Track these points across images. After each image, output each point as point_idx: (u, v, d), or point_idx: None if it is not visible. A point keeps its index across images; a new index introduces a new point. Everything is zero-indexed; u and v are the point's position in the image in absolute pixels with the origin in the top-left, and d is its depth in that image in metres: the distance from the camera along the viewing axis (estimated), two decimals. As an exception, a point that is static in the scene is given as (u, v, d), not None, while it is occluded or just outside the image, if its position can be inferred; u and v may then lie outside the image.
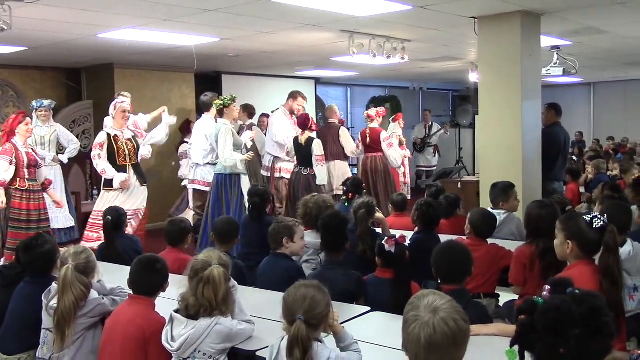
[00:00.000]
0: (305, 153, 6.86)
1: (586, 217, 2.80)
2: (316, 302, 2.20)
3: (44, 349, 3.01)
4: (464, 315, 1.76)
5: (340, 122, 10.26)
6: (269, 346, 2.38)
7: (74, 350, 2.91)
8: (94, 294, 3.00)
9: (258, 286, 3.64)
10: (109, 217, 4.44)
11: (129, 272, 2.91)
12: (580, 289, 1.75)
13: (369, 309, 3.11)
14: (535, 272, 3.40)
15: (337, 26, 6.40)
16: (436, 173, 10.42)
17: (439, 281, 2.93)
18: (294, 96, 7.85)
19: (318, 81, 12.25)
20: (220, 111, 6.21)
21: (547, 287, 1.79)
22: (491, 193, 4.73)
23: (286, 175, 7.66)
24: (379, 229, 4.40)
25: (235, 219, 4.85)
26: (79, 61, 8.63)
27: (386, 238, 3.30)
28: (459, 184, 8.18)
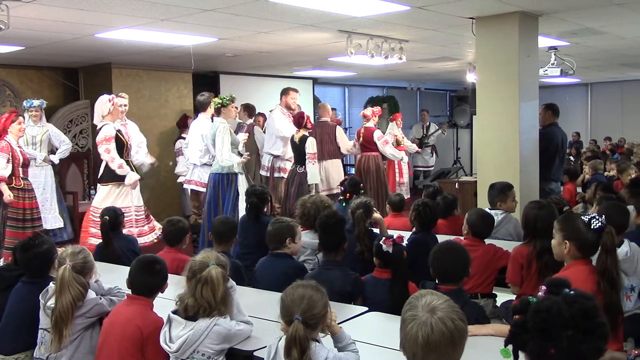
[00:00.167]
0: (300, 151, 6.90)
1: (584, 218, 2.80)
2: (314, 302, 2.20)
3: (41, 349, 3.01)
4: (461, 315, 1.76)
5: (337, 123, 10.26)
6: (266, 346, 2.38)
7: (71, 350, 2.91)
8: (91, 294, 3.00)
9: (259, 287, 3.61)
10: (107, 217, 4.43)
11: (129, 272, 2.91)
12: (575, 289, 1.75)
13: (366, 309, 3.11)
14: (532, 272, 3.41)
15: (334, 26, 6.40)
16: (434, 173, 10.41)
17: (436, 281, 2.94)
18: (285, 92, 7.89)
19: (316, 81, 12.25)
20: (218, 110, 6.20)
21: (543, 287, 1.79)
22: (489, 193, 4.75)
23: (285, 175, 7.67)
24: (376, 229, 4.41)
25: (232, 218, 4.84)
26: (76, 61, 8.62)
27: (384, 238, 3.30)
28: (457, 184, 8.18)
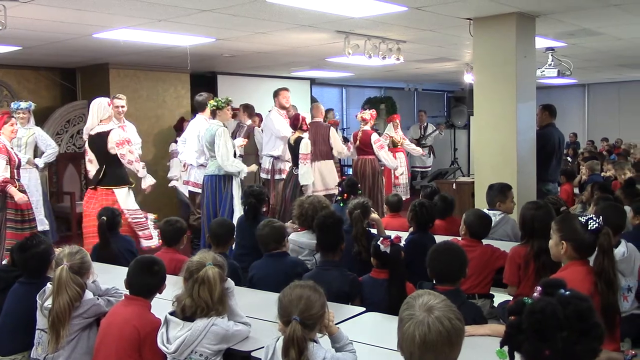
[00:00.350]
0: (296, 153, 6.91)
1: (581, 219, 2.80)
2: (311, 303, 2.20)
3: (38, 349, 3.00)
4: (458, 314, 1.77)
5: (335, 124, 10.25)
6: (264, 347, 2.38)
7: (68, 351, 2.91)
8: (88, 294, 3.00)
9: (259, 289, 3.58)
10: (104, 218, 4.42)
11: (127, 272, 2.90)
12: (571, 289, 1.75)
13: (364, 309, 3.11)
14: (530, 272, 3.41)
15: (332, 27, 6.41)
16: (431, 174, 10.42)
17: (433, 282, 2.94)
18: (276, 94, 7.90)
19: (313, 82, 12.26)
20: (213, 112, 6.19)
21: (538, 288, 1.79)
22: (488, 194, 4.73)
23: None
24: (374, 230, 4.41)
25: (230, 220, 4.83)
26: (74, 61, 8.61)
27: (381, 239, 3.30)
28: (454, 184, 8.18)
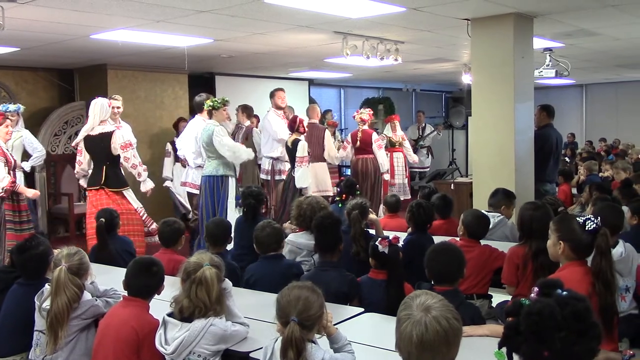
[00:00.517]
0: (293, 155, 6.89)
1: (579, 219, 2.80)
2: (310, 304, 2.20)
3: (36, 350, 3.00)
4: (456, 314, 1.77)
5: (334, 125, 10.23)
6: (262, 347, 2.38)
7: (66, 352, 2.90)
8: (87, 295, 2.99)
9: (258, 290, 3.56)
10: (102, 219, 4.42)
11: (125, 274, 2.89)
12: (568, 290, 1.75)
13: (362, 310, 3.11)
14: (528, 272, 3.41)
15: (330, 28, 6.41)
16: (429, 174, 10.44)
17: (432, 282, 2.94)
18: (272, 95, 7.91)
19: (311, 82, 12.26)
20: (210, 112, 6.20)
21: (536, 289, 1.79)
22: (494, 197, 4.71)
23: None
24: (372, 230, 4.41)
25: (227, 220, 4.83)
26: (71, 62, 8.60)
27: (380, 239, 3.30)
28: (452, 185, 8.19)
